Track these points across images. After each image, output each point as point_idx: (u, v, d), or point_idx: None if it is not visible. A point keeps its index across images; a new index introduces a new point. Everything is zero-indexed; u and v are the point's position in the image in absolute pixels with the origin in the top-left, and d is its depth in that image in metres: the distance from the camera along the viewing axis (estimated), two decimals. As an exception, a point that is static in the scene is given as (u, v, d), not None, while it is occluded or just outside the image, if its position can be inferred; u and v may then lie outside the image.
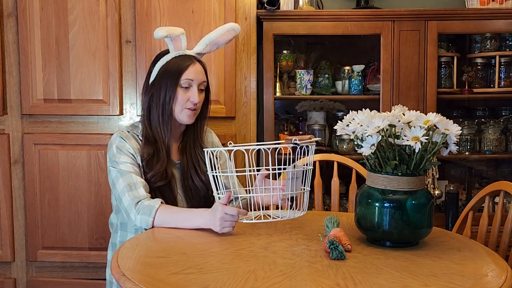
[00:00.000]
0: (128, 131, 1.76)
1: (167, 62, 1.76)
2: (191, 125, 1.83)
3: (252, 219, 1.52)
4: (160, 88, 1.74)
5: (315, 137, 2.69)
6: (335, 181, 2.08)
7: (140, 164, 1.70)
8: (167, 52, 1.79)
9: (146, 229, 1.60)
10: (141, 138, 1.75)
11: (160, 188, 1.70)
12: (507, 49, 2.68)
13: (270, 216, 1.53)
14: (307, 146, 1.53)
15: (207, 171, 1.65)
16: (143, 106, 1.79)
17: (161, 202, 1.62)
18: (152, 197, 1.65)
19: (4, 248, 2.54)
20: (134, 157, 1.70)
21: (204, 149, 1.60)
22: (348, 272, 1.17)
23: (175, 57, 1.76)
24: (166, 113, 1.73)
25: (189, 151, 1.81)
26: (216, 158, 1.59)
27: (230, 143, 1.61)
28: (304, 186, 1.58)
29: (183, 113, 1.74)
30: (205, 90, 1.82)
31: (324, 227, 1.43)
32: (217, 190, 1.58)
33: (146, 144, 1.73)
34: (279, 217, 1.52)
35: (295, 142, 1.50)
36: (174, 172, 1.78)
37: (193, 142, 1.83)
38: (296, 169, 1.52)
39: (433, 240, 1.44)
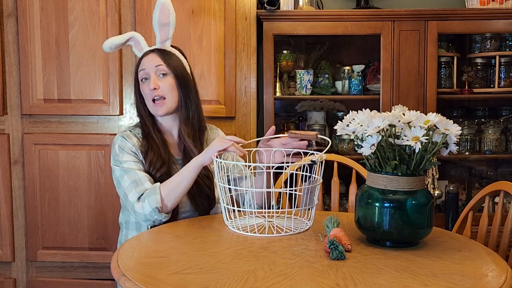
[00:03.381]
0: (130, 131, 1.81)
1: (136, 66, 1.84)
2: (184, 119, 1.82)
3: (255, 231, 1.51)
4: (134, 90, 1.84)
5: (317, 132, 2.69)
6: (335, 181, 2.08)
7: (143, 161, 1.74)
8: None
9: (158, 210, 1.60)
10: (141, 136, 1.80)
11: (163, 181, 1.70)
12: (507, 49, 2.68)
13: (274, 225, 1.53)
14: (316, 160, 1.52)
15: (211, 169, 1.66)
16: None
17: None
18: None
19: (4, 248, 2.54)
20: (136, 154, 1.74)
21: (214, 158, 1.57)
22: (348, 272, 1.17)
23: (139, 58, 1.83)
24: (143, 110, 1.80)
25: (186, 150, 1.81)
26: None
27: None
28: (315, 197, 1.57)
29: (152, 107, 1.78)
30: (176, 76, 1.78)
31: (324, 227, 1.43)
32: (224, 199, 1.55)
33: (143, 138, 1.78)
34: (291, 230, 1.50)
35: (312, 160, 1.50)
36: (176, 167, 1.79)
37: (190, 137, 1.81)
38: (311, 185, 1.52)
39: (433, 240, 1.44)
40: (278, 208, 1.67)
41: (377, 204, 1.34)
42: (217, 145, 1.58)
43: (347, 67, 2.75)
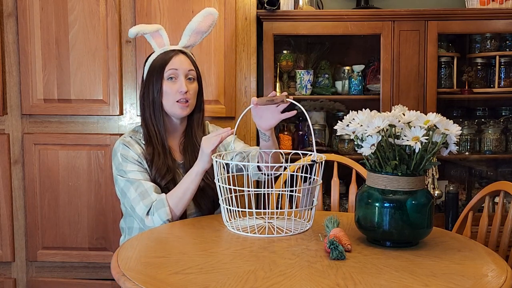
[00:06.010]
0: (130, 137, 1.78)
1: (153, 60, 1.79)
2: (189, 123, 1.83)
3: (255, 231, 1.50)
4: (148, 86, 1.77)
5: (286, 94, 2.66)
6: (335, 181, 2.08)
7: (147, 169, 1.72)
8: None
9: (168, 221, 1.63)
10: (143, 142, 1.77)
11: (169, 188, 1.71)
12: (507, 49, 2.68)
13: (274, 226, 1.52)
14: (314, 161, 1.52)
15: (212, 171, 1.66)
16: (140, 108, 1.83)
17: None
18: None
19: (4, 248, 2.54)
20: (140, 163, 1.72)
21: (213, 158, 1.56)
22: (348, 272, 1.17)
23: (160, 53, 1.78)
24: (157, 109, 1.76)
25: (191, 150, 1.81)
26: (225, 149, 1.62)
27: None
28: (314, 198, 1.57)
29: (174, 107, 1.75)
30: (198, 81, 1.82)
31: (324, 227, 1.43)
32: (221, 198, 1.55)
33: (147, 145, 1.75)
34: (291, 231, 1.49)
35: (313, 160, 1.50)
36: (179, 172, 1.79)
37: (193, 139, 1.83)
38: (311, 185, 1.52)
39: (433, 240, 1.44)
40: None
41: (377, 204, 1.34)
42: (208, 147, 1.59)
43: (347, 67, 2.75)
